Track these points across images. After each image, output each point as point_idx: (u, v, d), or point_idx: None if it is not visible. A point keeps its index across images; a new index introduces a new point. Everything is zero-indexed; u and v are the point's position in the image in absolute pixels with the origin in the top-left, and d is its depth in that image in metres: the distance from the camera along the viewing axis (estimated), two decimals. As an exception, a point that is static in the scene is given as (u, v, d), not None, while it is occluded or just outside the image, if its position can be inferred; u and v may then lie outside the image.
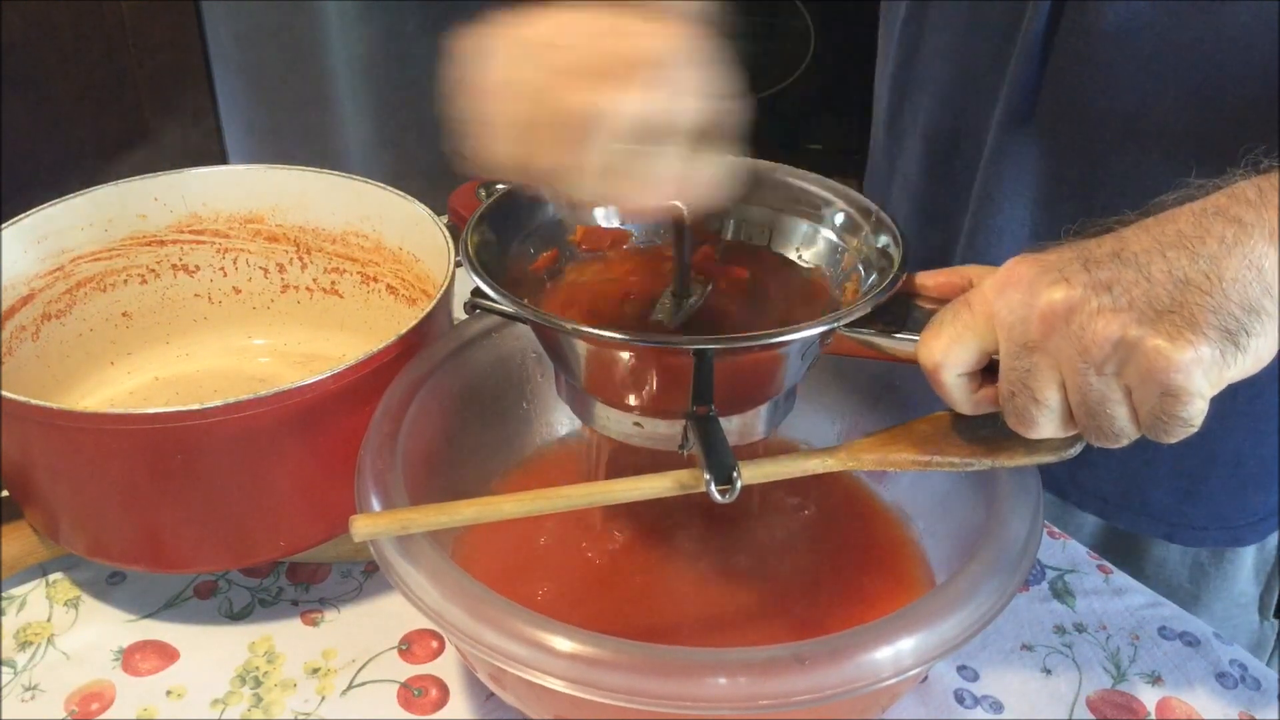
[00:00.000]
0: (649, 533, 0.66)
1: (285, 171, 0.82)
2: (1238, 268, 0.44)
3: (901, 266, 0.55)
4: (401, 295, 0.82)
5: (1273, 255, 0.44)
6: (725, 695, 0.46)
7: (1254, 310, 0.44)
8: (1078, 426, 0.48)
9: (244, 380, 0.82)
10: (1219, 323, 0.44)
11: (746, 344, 0.54)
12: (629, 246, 0.63)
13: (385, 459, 0.57)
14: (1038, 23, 0.67)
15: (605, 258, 0.62)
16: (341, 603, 0.70)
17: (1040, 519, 0.55)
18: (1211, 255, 0.44)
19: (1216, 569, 0.81)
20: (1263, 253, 0.44)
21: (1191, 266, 0.44)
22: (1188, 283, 0.44)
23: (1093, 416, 0.47)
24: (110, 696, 0.63)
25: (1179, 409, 0.45)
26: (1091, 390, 0.46)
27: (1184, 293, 0.44)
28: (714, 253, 0.63)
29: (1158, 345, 0.44)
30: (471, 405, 0.68)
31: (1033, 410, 0.48)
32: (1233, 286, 0.43)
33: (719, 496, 0.49)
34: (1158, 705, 0.64)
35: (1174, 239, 0.45)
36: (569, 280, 0.61)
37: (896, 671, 0.48)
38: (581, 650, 0.47)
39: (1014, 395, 0.48)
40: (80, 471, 0.63)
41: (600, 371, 0.56)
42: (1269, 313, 0.44)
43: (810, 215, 0.62)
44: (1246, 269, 0.44)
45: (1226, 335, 0.44)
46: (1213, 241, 0.44)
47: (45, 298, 0.77)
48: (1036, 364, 0.47)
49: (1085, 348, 0.45)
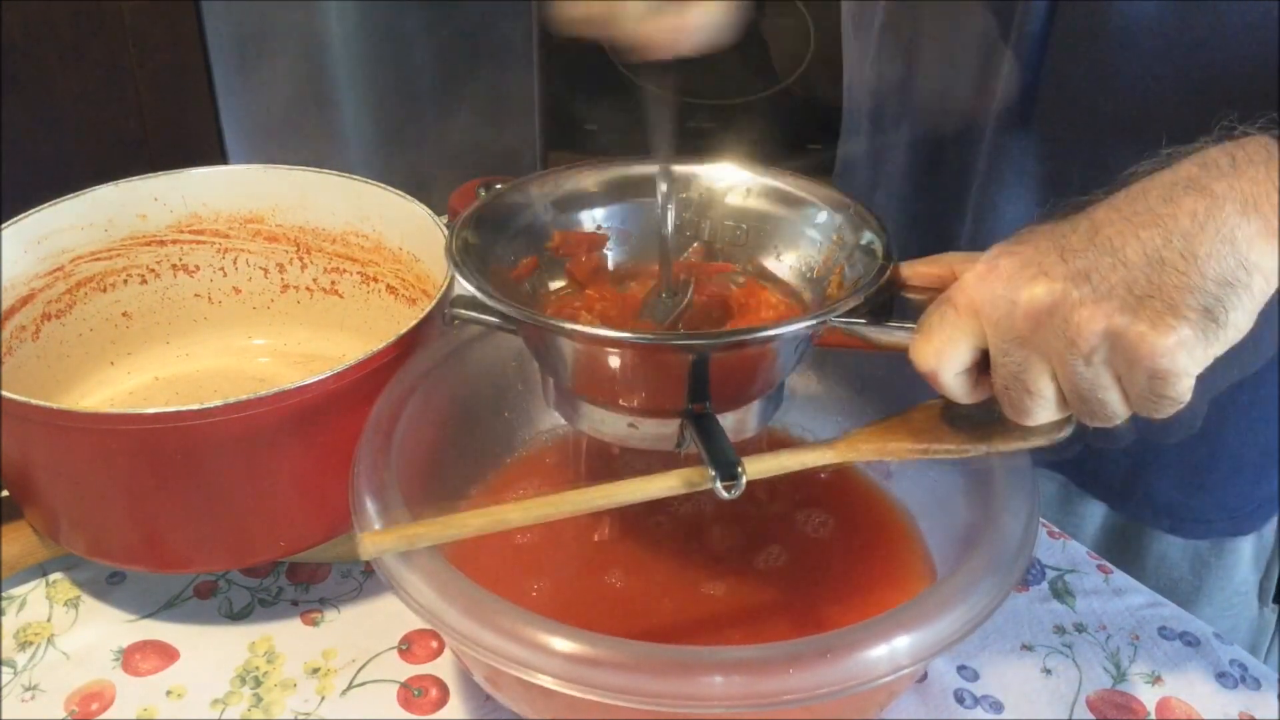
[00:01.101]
0: (644, 529, 0.66)
1: (285, 171, 0.82)
2: (1211, 243, 0.44)
3: (887, 258, 0.55)
4: (401, 295, 0.82)
5: (1245, 226, 0.44)
6: (722, 694, 0.46)
7: (1229, 284, 0.44)
8: (1071, 411, 0.49)
9: (244, 380, 0.82)
10: (1197, 302, 0.44)
11: (743, 339, 0.54)
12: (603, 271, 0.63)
13: (380, 471, 0.57)
14: (1033, 23, 0.66)
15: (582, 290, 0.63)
16: (341, 603, 0.70)
17: (1036, 516, 0.55)
18: (1185, 232, 0.44)
19: (1218, 560, 0.82)
20: (1235, 224, 0.44)
21: (1166, 246, 0.44)
22: (1163, 263, 0.44)
23: (1085, 402, 0.48)
24: (110, 696, 0.63)
25: (1167, 389, 0.46)
26: (1082, 379, 0.47)
27: (1161, 274, 0.44)
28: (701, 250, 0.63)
29: (1141, 332, 0.44)
30: (460, 413, 0.68)
31: (1027, 401, 0.49)
32: (1207, 263, 0.44)
33: (724, 493, 0.49)
34: (1158, 705, 0.64)
35: (1147, 218, 0.45)
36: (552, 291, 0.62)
37: (892, 669, 0.48)
38: (577, 650, 0.47)
39: (1007, 388, 0.49)
40: (80, 471, 0.63)
41: (594, 373, 0.56)
42: (1244, 284, 0.44)
43: (789, 213, 0.62)
44: (1220, 244, 0.44)
45: (1206, 313, 0.44)
46: (1184, 218, 0.44)
47: (45, 298, 0.77)
48: (1026, 358, 0.48)
49: (1071, 340, 0.46)
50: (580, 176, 0.64)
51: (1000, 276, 0.48)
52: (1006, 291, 0.47)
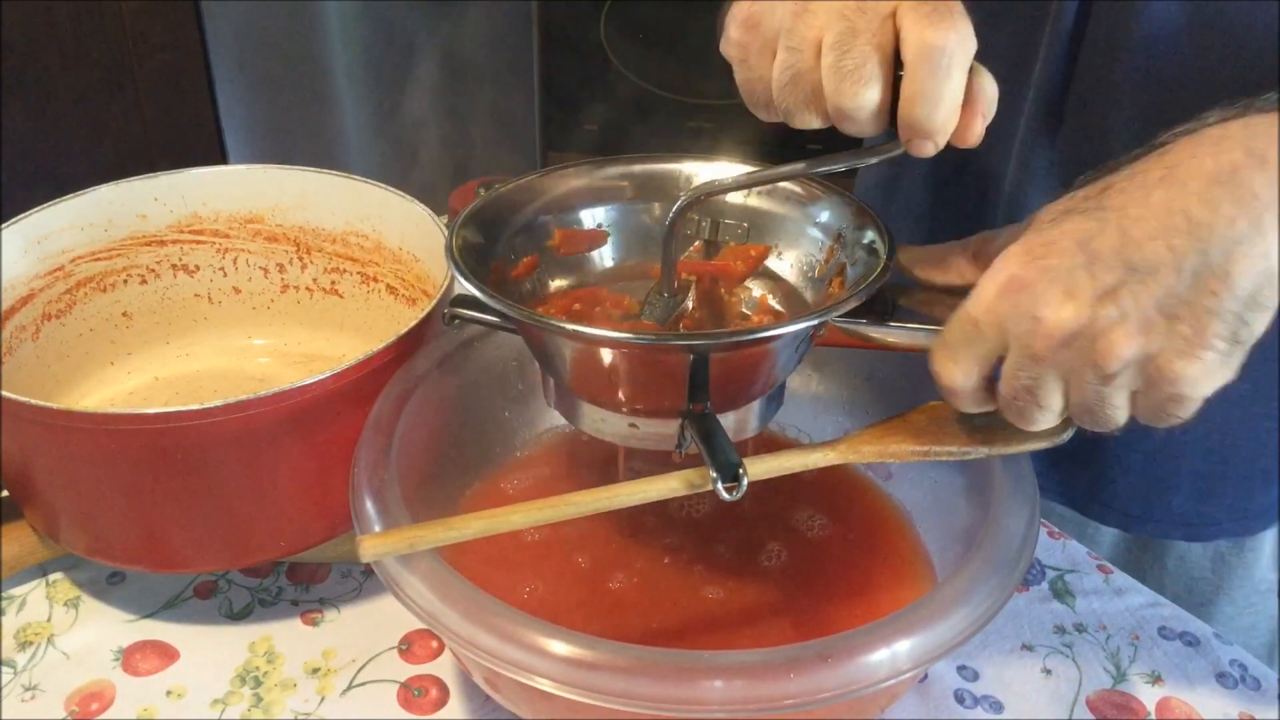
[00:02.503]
0: (642, 530, 0.66)
1: (285, 171, 0.82)
2: (1248, 260, 0.42)
3: (889, 257, 0.55)
4: (401, 295, 0.82)
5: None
6: (721, 698, 0.46)
7: (1259, 305, 0.43)
8: (1074, 419, 0.49)
9: (244, 380, 0.82)
10: (1226, 329, 0.43)
11: (745, 338, 0.54)
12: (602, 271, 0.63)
13: (380, 471, 0.57)
14: (1065, 22, 0.66)
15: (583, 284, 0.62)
16: (341, 603, 0.70)
17: (1037, 518, 0.55)
18: (1223, 248, 0.42)
19: (1238, 558, 0.82)
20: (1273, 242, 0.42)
21: (1202, 262, 0.42)
22: (1197, 281, 0.43)
23: (1092, 414, 0.47)
24: (110, 696, 0.63)
25: (1181, 410, 0.45)
26: (1096, 396, 0.46)
27: (1194, 293, 0.43)
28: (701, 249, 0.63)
29: (1169, 361, 0.43)
30: (460, 413, 0.68)
31: (1035, 413, 0.48)
32: (1241, 281, 0.42)
33: (726, 495, 0.49)
34: (1158, 705, 0.64)
35: (1182, 223, 0.43)
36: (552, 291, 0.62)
37: (893, 674, 0.48)
38: (576, 653, 0.47)
39: (1016, 398, 0.48)
40: (80, 471, 0.63)
41: (594, 374, 0.56)
42: (1269, 304, 0.43)
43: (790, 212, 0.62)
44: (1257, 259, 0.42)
45: (1232, 338, 0.43)
46: (1223, 227, 0.42)
47: (45, 298, 0.77)
48: (1043, 374, 0.46)
49: (1095, 363, 0.45)
50: (580, 176, 0.64)
51: (1024, 293, 0.46)
52: (1031, 309, 0.45)
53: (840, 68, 0.47)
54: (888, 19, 0.47)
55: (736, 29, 0.50)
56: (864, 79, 0.47)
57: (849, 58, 0.47)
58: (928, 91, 0.46)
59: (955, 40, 0.45)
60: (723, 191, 0.59)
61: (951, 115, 0.47)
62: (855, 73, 0.47)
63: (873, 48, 0.47)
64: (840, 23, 0.47)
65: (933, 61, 0.46)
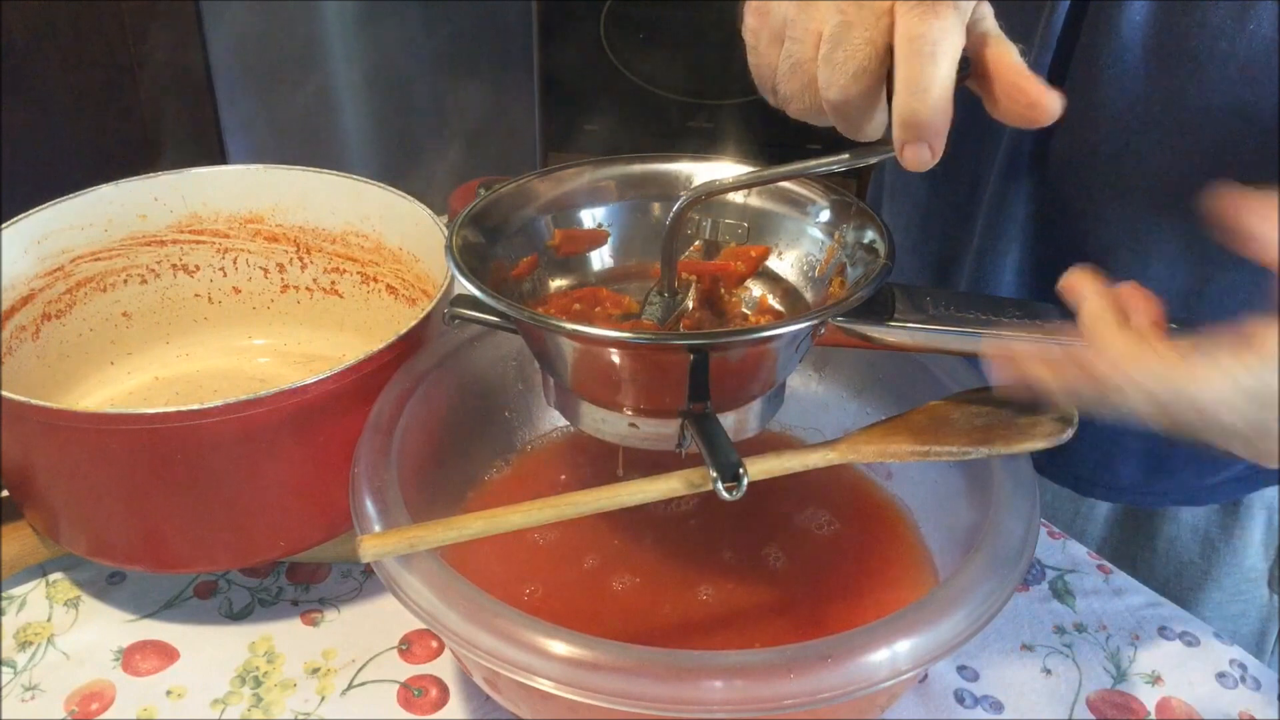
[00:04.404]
0: (644, 530, 0.66)
1: (285, 171, 0.82)
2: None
3: (890, 257, 0.55)
4: (401, 295, 0.82)
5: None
6: (722, 699, 0.46)
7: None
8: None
9: (244, 380, 0.82)
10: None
11: (745, 338, 0.54)
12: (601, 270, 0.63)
13: (380, 471, 0.57)
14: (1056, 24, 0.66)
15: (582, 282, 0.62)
16: (341, 603, 0.70)
17: (1037, 519, 0.55)
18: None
19: (1226, 544, 0.82)
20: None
21: None
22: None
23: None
24: (110, 696, 0.63)
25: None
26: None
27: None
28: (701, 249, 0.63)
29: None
30: (460, 413, 0.68)
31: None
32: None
33: (726, 495, 0.49)
34: (1158, 705, 0.64)
35: None
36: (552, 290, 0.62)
37: (893, 674, 0.48)
38: (576, 654, 0.47)
39: None
40: (80, 471, 0.63)
41: (594, 373, 0.56)
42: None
43: (790, 211, 0.62)
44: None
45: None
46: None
47: (45, 298, 0.77)
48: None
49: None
50: (580, 176, 0.64)
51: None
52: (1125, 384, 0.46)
53: (831, 60, 0.48)
54: (883, 16, 0.47)
55: (751, 15, 0.53)
56: (851, 72, 0.48)
57: (840, 50, 0.48)
58: (913, 78, 0.46)
59: (939, 28, 0.46)
60: (723, 191, 0.59)
61: (941, 104, 0.47)
62: (844, 65, 0.48)
63: (864, 42, 0.48)
64: (837, 17, 0.48)
65: (916, 49, 0.46)
